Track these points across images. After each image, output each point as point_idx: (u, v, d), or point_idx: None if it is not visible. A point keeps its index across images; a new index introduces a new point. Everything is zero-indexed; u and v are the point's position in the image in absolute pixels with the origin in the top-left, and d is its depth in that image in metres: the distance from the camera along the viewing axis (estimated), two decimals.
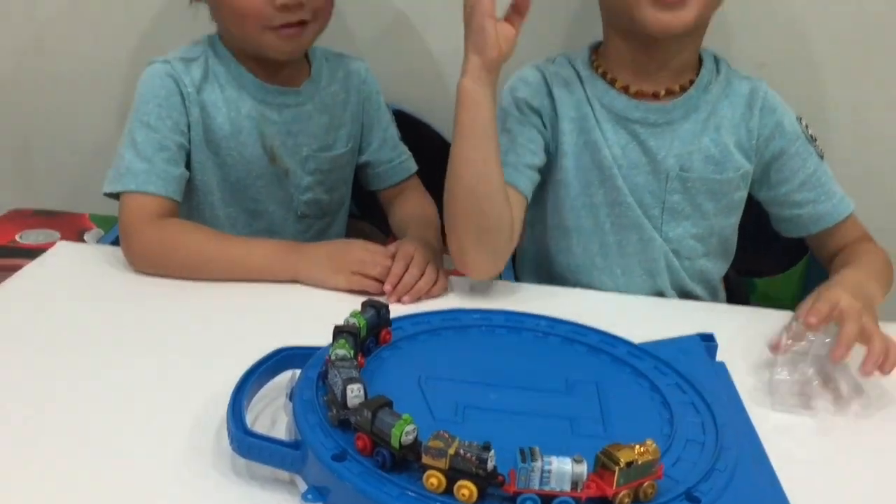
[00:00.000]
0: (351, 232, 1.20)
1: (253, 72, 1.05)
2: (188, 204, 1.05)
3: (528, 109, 1.00)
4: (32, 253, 1.00)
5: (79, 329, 0.84)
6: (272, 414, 0.72)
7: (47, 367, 0.77)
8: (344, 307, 0.75)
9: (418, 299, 0.93)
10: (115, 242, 1.03)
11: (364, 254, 0.95)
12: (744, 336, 0.88)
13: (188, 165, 1.03)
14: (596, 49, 1.04)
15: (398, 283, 0.92)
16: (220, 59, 1.05)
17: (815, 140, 1.02)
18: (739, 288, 1.21)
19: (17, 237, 1.10)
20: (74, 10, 1.35)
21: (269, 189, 1.08)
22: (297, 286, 0.95)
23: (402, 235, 1.08)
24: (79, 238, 1.13)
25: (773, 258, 1.21)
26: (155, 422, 0.70)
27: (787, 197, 1.02)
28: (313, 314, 0.85)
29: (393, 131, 1.17)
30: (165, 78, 1.01)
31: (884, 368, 0.79)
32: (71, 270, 0.97)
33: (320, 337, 0.73)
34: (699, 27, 0.97)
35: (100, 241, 1.13)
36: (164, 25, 1.34)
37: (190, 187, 1.04)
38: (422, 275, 0.93)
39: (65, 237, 1.10)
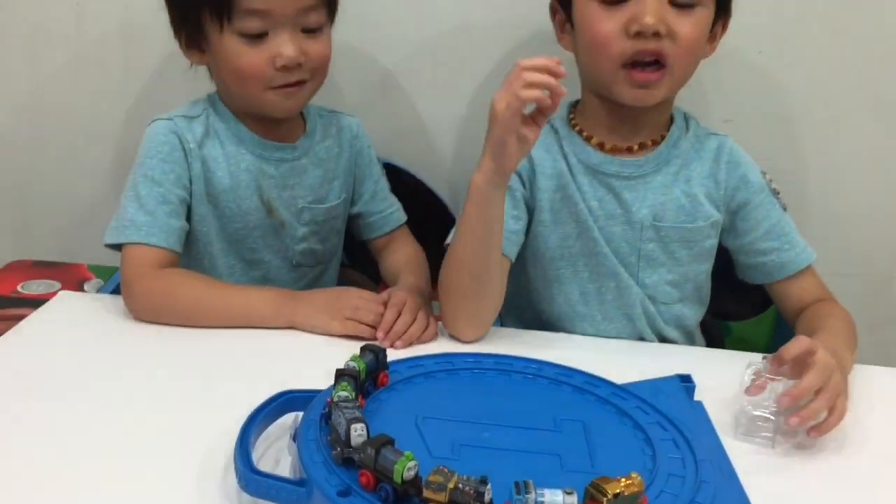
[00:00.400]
0: (341, 280, 1.24)
1: (251, 128, 1.09)
2: (188, 254, 1.09)
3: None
4: (35, 302, 1.03)
5: (84, 376, 0.87)
6: (275, 455, 0.75)
7: (55, 413, 0.80)
8: (339, 352, 0.79)
9: (410, 345, 0.97)
10: (115, 291, 1.07)
11: (359, 301, 0.99)
12: (719, 377, 0.91)
13: (189, 218, 1.07)
14: (573, 106, 1.10)
15: (390, 329, 0.96)
16: (221, 117, 1.09)
17: (779, 193, 1.09)
18: (715, 331, 1.26)
19: (18, 287, 1.12)
20: (72, 70, 1.39)
21: (266, 239, 1.12)
22: (295, 332, 0.98)
23: (392, 283, 1.12)
24: (78, 287, 1.16)
25: (746, 302, 1.26)
26: (162, 464, 0.73)
27: (753, 245, 1.07)
28: (311, 360, 0.90)
29: (383, 183, 1.22)
30: (169, 134, 1.05)
31: (810, 431, 0.80)
32: (73, 319, 1.00)
33: (318, 381, 0.77)
34: (671, 97, 1.04)
35: (100, 290, 1.16)
36: (159, 84, 1.38)
37: (190, 238, 1.08)
38: (413, 321, 0.98)
39: (65, 287, 1.12)
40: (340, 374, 0.72)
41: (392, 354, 0.82)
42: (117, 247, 1.03)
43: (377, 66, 1.33)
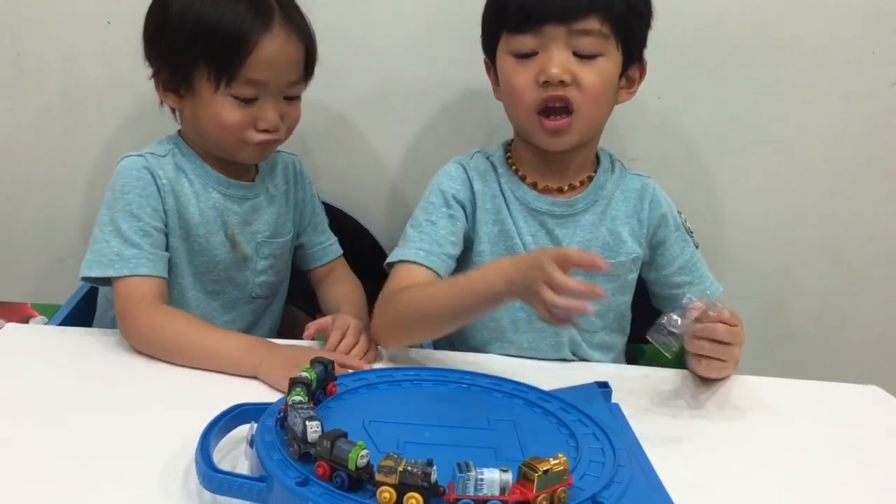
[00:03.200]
0: (284, 313, 1.30)
1: (215, 169, 1.15)
2: None
3: (455, 202, 1.13)
4: None
5: (40, 400, 0.90)
6: (231, 462, 0.79)
7: (14, 433, 0.83)
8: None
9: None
10: (62, 324, 1.11)
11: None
12: (634, 387, 1.03)
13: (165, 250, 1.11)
14: (508, 146, 1.20)
15: (335, 350, 1.02)
16: (186, 157, 1.14)
17: (692, 233, 1.21)
18: (630, 353, 1.37)
19: None
20: (11, 115, 1.43)
21: (229, 272, 1.18)
22: None
23: (331, 312, 1.18)
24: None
25: None
26: (124, 472, 0.77)
27: (668, 279, 1.18)
28: (259, 382, 0.97)
29: (323, 216, 1.29)
30: (142, 170, 1.09)
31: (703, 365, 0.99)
32: (22, 350, 1.02)
33: (268, 398, 0.84)
34: (589, 140, 1.14)
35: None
36: (95, 132, 1.43)
37: None
38: (356, 343, 1.04)
39: None
40: (294, 382, 0.79)
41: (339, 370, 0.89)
42: (99, 280, 1.06)
43: (322, 115, 1.41)
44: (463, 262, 1.16)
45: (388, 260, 1.11)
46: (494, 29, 1.12)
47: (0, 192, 1.46)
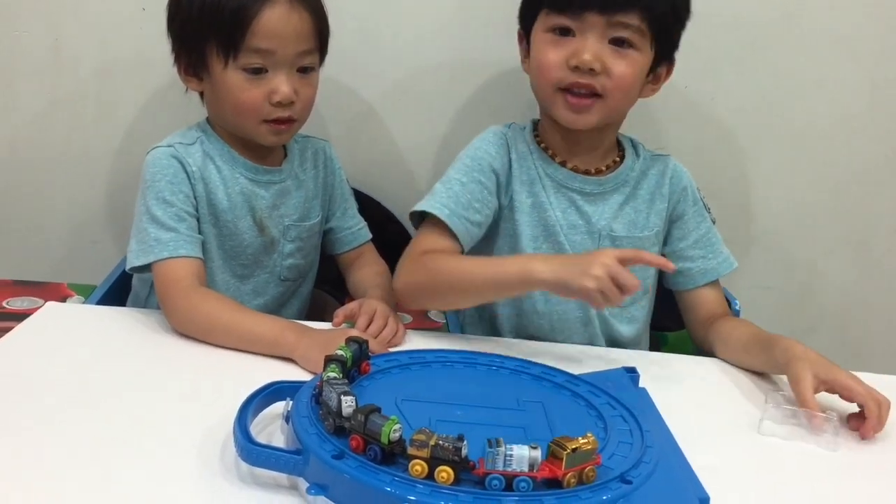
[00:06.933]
0: (313, 296, 1.32)
1: (242, 154, 1.18)
2: None
3: (490, 170, 1.14)
4: (19, 317, 1.06)
5: (81, 377, 0.92)
6: (266, 438, 0.81)
7: (58, 407, 0.85)
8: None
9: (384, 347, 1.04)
10: (98, 303, 1.13)
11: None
12: (660, 373, 1.04)
13: None
14: (535, 125, 1.22)
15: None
16: (214, 144, 1.17)
17: (709, 209, 1.22)
18: (654, 341, 1.38)
19: (3, 304, 1.17)
20: (48, 102, 1.46)
21: (257, 256, 1.20)
22: None
23: (359, 296, 1.21)
24: None
25: (679, 316, 1.38)
26: (163, 444, 0.79)
27: (683, 251, 1.20)
28: (292, 363, 0.99)
29: (352, 202, 1.31)
30: (170, 158, 1.12)
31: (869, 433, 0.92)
32: (63, 327, 1.05)
33: (303, 376, 0.86)
34: (609, 125, 1.16)
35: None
36: (132, 117, 1.46)
37: None
38: (385, 326, 1.06)
39: None
40: (329, 360, 0.81)
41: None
42: (142, 268, 1.09)
43: (352, 101, 1.43)
44: (500, 232, 1.17)
45: (413, 209, 1.13)
46: (535, 4, 1.13)
47: (35, 176, 1.49)
